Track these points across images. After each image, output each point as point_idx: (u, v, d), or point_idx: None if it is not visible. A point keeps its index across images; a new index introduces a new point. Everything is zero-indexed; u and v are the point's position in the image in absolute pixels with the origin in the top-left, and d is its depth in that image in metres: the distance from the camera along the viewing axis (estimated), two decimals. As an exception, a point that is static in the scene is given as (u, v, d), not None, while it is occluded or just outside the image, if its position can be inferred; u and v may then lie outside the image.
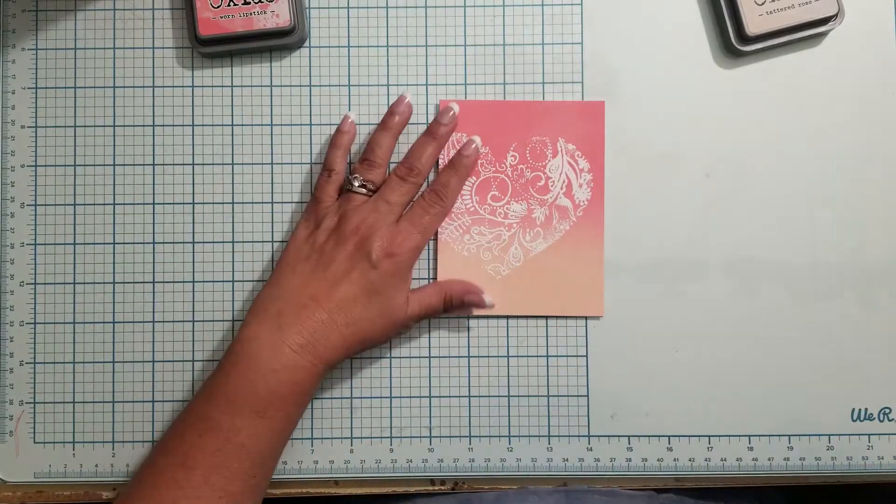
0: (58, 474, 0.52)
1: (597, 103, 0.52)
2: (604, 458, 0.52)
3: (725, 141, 0.53)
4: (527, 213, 0.52)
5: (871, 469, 0.52)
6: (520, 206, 0.52)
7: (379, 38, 0.53)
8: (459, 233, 0.52)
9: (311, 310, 0.46)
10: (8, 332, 0.52)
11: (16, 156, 0.53)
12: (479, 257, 0.52)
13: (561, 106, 0.52)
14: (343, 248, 0.48)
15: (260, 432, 0.45)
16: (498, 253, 0.52)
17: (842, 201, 0.53)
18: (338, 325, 0.47)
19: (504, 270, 0.52)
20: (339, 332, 0.47)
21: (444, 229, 0.51)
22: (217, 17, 0.51)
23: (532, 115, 0.52)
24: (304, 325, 0.46)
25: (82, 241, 0.53)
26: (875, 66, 0.53)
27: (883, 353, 0.52)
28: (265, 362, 0.45)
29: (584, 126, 0.52)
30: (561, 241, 0.52)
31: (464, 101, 0.52)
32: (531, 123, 0.52)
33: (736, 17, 0.51)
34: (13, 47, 0.53)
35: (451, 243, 0.52)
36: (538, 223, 0.52)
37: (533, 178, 0.51)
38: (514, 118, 0.52)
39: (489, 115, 0.52)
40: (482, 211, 0.52)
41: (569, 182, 0.51)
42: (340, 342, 0.47)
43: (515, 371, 0.53)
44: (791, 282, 0.53)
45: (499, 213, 0.52)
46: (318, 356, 0.46)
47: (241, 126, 0.53)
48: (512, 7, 0.53)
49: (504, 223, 0.52)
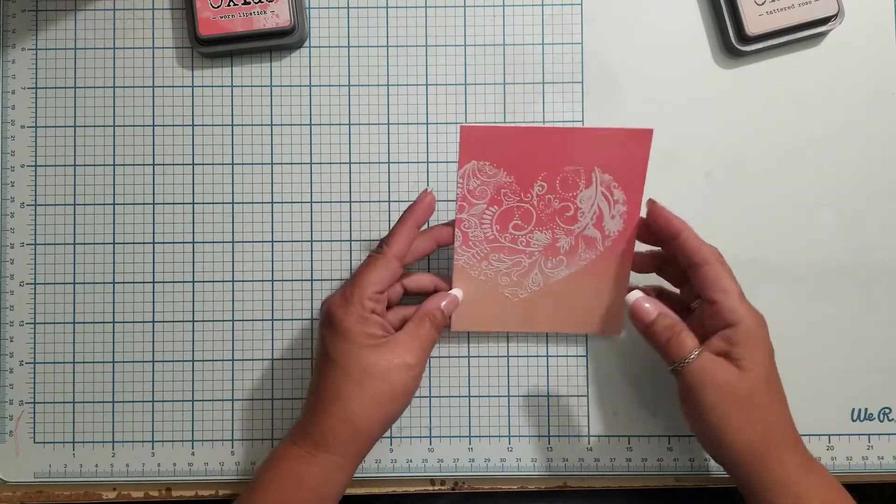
0: (58, 474, 0.52)
1: (644, 131, 0.44)
2: (604, 458, 0.52)
3: (725, 141, 0.53)
4: (551, 242, 0.47)
5: (872, 469, 0.52)
6: (544, 235, 0.47)
7: (379, 38, 0.53)
8: (477, 260, 0.48)
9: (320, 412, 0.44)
10: (8, 332, 0.52)
11: (15, 156, 0.53)
12: (497, 281, 0.49)
13: (602, 134, 0.45)
14: (320, 338, 0.46)
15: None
16: (516, 278, 0.48)
17: (842, 201, 0.53)
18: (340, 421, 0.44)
19: (522, 293, 0.49)
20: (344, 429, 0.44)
21: (461, 256, 0.48)
22: (217, 17, 0.51)
23: (567, 144, 0.45)
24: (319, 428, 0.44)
25: (82, 241, 0.53)
26: (875, 66, 0.53)
27: (883, 353, 0.52)
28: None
29: (626, 155, 0.45)
30: (585, 270, 0.48)
31: (491, 126, 0.46)
32: (565, 152, 0.45)
33: (736, 16, 0.51)
34: (13, 47, 0.53)
35: (468, 269, 0.48)
36: (562, 252, 0.48)
37: (561, 208, 0.47)
38: (547, 147, 0.45)
39: (517, 144, 0.45)
40: (503, 240, 0.47)
41: (600, 213, 0.47)
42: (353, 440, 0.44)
43: (515, 371, 0.53)
44: (791, 282, 0.53)
45: (520, 242, 0.47)
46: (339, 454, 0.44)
47: (241, 126, 0.53)
48: (512, 7, 0.53)
49: (525, 251, 0.48)
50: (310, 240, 0.53)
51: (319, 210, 0.53)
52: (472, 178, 0.46)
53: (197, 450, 0.52)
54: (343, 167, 0.53)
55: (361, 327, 0.44)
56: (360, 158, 0.53)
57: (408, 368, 0.44)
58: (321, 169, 0.53)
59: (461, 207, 0.46)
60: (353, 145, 0.53)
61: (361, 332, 0.43)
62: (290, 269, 0.53)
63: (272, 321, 0.53)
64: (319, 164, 0.53)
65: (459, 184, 0.46)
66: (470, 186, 0.46)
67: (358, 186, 0.53)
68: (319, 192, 0.53)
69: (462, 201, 0.46)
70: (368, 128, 0.53)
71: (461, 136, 0.44)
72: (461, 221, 0.47)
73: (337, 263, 0.53)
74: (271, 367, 0.53)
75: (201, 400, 0.52)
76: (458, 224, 0.47)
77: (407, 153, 0.53)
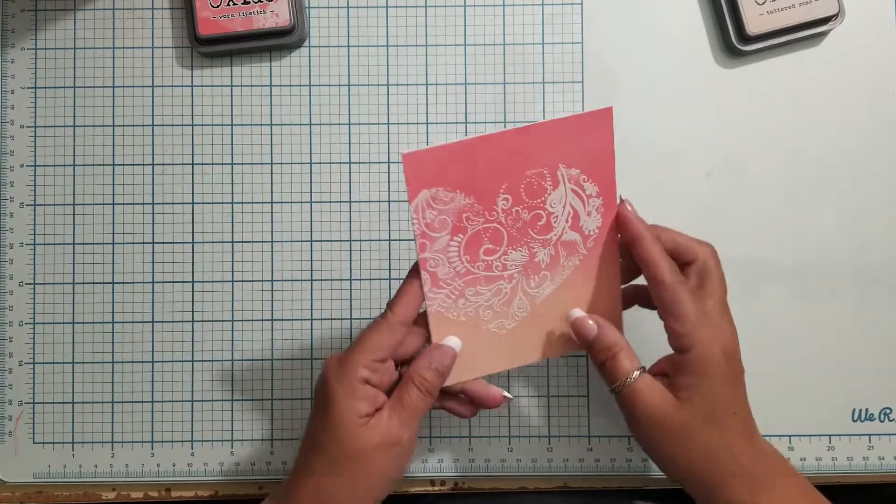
0: (57, 474, 0.52)
1: (602, 112, 0.40)
2: (604, 458, 0.52)
3: (725, 141, 0.53)
4: (529, 259, 0.42)
5: (872, 469, 0.52)
6: (519, 252, 0.42)
7: (379, 37, 0.53)
8: (452, 299, 0.42)
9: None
10: (7, 332, 0.52)
11: (15, 156, 0.53)
12: (479, 318, 0.43)
13: (557, 126, 0.40)
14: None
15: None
16: (500, 308, 0.43)
17: (842, 201, 0.53)
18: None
19: (509, 324, 0.44)
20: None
21: (433, 300, 0.42)
22: (216, 16, 0.51)
23: (522, 146, 0.40)
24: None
25: (81, 241, 0.53)
26: (875, 66, 0.53)
27: (883, 353, 0.52)
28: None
29: (589, 143, 0.41)
30: (571, 279, 0.43)
31: (433, 147, 0.39)
32: (522, 156, 0.40)
33: (736, 16, 0.51)
34: (12, 47, 0.53)
35: (445, 312, 0.42)
36: (543, 266, 0.43)
37: (532, 218, 0.41)
38: (501, 155, 0.40)
39: (467, 160, 0.39)
40: (476, 269, 0.42)
41: (575, 213, 0.42)
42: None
43: (515, 370, 0.52)
44: (791, 282, 0.52)
45: (496, 267, 0.42)
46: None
47: (241, 126, 0.53)
48: (512, 7, 0.53)
49: (503, 276, 0.42)
50: (309, 240, 0.53)
51: (319, 210, 0.53)
52: (428, 210, 0.40)
53: (196, 450, 0.52)
54: (343, 167, 0.53)
55: (348, 401, 0.39)
56: (360, 158, 0.53)
57: (388, 449, 0.40)
58: (321, 169, 0.53)
59: (422, 246, 0.40)
60: (352, 145, 0.53)
61: (347, 406, 0.39)
62: (290, 269, 0.53)
63: (272, 321, 0.53)
64: (319, 164, 0.53)
65: (414, 220, 0.40)
66: (427, 220, 0.40)
67: (358, 186, 0.53)
68: (319, 192, 0.53)
69: (422, 238, 0.40)
70: (368, 128, 0.53)
71: (404, 166, 0.39)
72: (425, 262, 0.41)
73: (336, 263, 0.53)
74: (271, 367, 0.53)
75: (201, 400, 0.52)
76: (422, 265, 0.41)
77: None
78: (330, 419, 0.40)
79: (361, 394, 0.40)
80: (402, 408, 0.40)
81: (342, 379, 0.40)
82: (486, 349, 0.44)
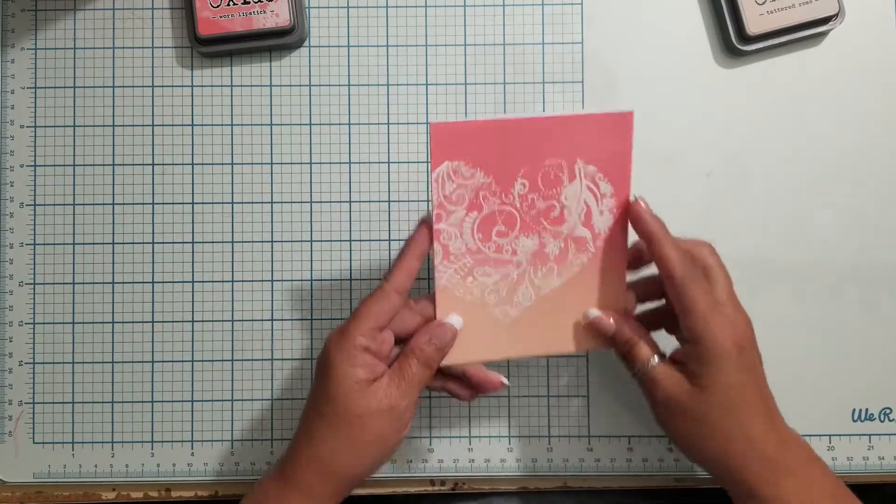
0: (57, 474, 0.52)
1: (624, 115, 0.42)
2: (604, 458, 0.52)
3: (726, 141, 0.53)
4: (538, 248, 0.44)
5: (872, 469, 0.52)
6: (530, 240, 0.43)
7: (379, 37, 0.53)
8: (460, 276, 0.43)
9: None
10: (7, 332, 0.52)
11: (15, 156, 0.53)
12: (484, 300, 0.44)
13: (580, 121, 0.42)
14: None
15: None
16: (505, 294, 0.44)
17: (842, 201, 0.53)
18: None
19: (513, 312, 0.45)
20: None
21: (442, 274, 0.43)
22: (217, 16, 0.51)
23: (545, 135, 0.42)
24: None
25: (81, 241, 0.53)
26: (875, 66, 0.53)
27: (883, 353, 0.52)
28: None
29: (608, 143, 0.42)
30: (578, 276, 0.44)
31: (462, 122, 0.43)
32: (543, 144, 0.42)
33: (736, 16, 0.51)
34: (12, 47, 0.53)
35: (452, 289, 0.44)
36: (551, 258, 0.44)
37: (546, 208, 0.43)
38: (524, 139, 0.42)
39: (492, 139, 0.41)
40: (486, 250, 0.43)
41: (588, 210, 0.43)
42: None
43: (515, 371, 0.52)
44: (791, 282, 0.52)
45: (506, 251, 0.43)
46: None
47: (241, 126, 0.53)
48: (512, 7, 0.53)
49: (512, 261, 0.44)
50: (309, 240, 0.53)
51: (319, 210, 0.53)
52: (448, 182, 0.42)
53: (196, 450, 0.52)
54: (343, 167, 0.53)
55: (346, 367, 0.41)
56: (360, 158, 0.53)
57: (386, 414, 0.41)
58: (321, 169, 0.53)
59: (438, 216, 0.42)
60: (352, 145, 0.53)
61: (345, 372, 0.41)
62: (290, 269, 0.53)
63: (272, 321, 0.53)
64: (319, 164, 0.53)
65: (434, 189, 0.42)
66: (446, 191, 0.42)
67: (358, 186, 0.53)
68: (319, 192, 0.53)
69: (439, 209, 0.42)
70: (368, 128, 0.53)
71: (432, 135, 0.41)
72: (439, 233, 0.43)
73: (336, 263, 0.53)
74: (271, 367, 0.53)
75: (201, 400, 0.52)
76: (436, 237, 0.43)
77: (407, 153, 0.53)
78: (329, 385, 0.41)
79: (360, 361, 0.41)
80: (401, 377, 0.42)
81: (342, 347, 0.41)
82: (488, 334, 0.45)
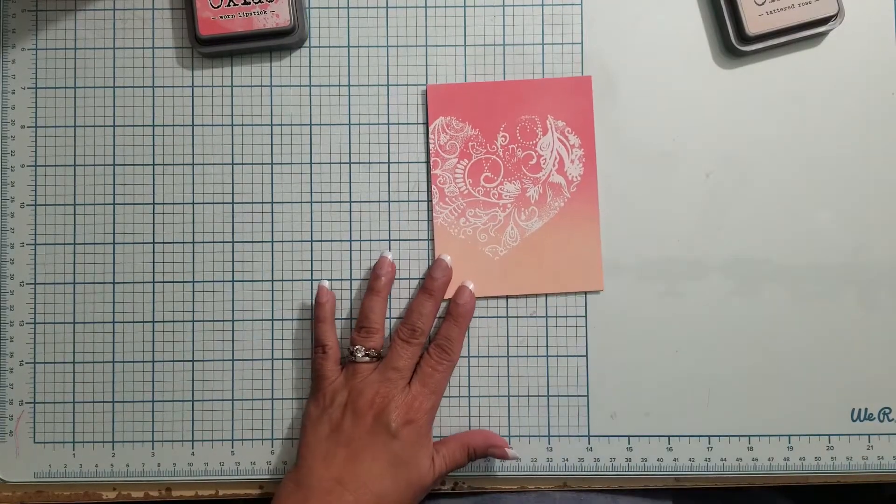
0: (58, 474, 0.52)
1: (584, 78, 0.52)
2: (604, 458, 0.52)
3: (725, 141, 0.53)
4: (520, 193, 0.52)
5: (872, 469, 0.52)
6: (513, 185, 0.52)
7: (379, 37, 0.53)
8: (455, 216, 0.52)
9: (337, 494, 0.45)
10: (8, 332, 0.52)
11: (16, 156, 0.53)
12: (476, 239, 0.52)
13: (548, 83, 0.52)
14: (361, 423, 0.47)
15: None
16: (494, 234, 0.52)
17: (842, 201, 0.53)
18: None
19: (502, 251, 0.52)
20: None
21: (439, 214, 0.52)
22: (217, 16, 0.51)
23: (520, 95, 0.52)
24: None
25: (82, 241, 0.53)
26: (875, 66, 0.53)
27: (883, 353, 0.52)
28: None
29: (573, 102, 0.52)
30: (556, 219, 0.52)
31: (451, 84, 0.52)
32: (520, 103, 0.52)
33: (736, 17, 0.51)
34: (13, 47, 0.53)
35: (448, 227, 0.52)
36: (532, 202, 0.52)
37: (525, 156, 0.52)
38: (503, 99, 0.52)
39: (477, 98, 0.52)
40: (476, 193, 0.52)
41: (560, 159, 0.52)
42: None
43: (515, 371, 0.53)
44: (791, 282, 0.53)
45: (493, 195, 0.52)
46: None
47: (241, 126, 0.53)
48: (512, 7, 0.53)
49: (499, 204, 0.52)
50: (310, 240, 0.53)
51: (319, 210, 0.53)
52: (442, 134, 0.52)
53: (197, 450, 0.52)
54: (343, 167, 0.53)
55: (430, 434, 0.50)
56: (360, 158, 0.53)
57: (432, 484, 0.49)
58: (321, 169, 0.53)
59: (435, 163, 0.52)
60: (353, 145, 0.53)
61: (429, 438, 0.49)
62: (290, 269, 0.53)
63: (272, 321, 0.53)
64: (319, 164, 0.53)
65: (431, 140, 0.52)
66: (440, 142, 0.52)
67: (358, 186, 0.53)
68: (319, 192, 0.53)
69: (435, 157, 0.52)
70: (368, 128, 0.53)
71: (429, 95, 0.52)
72: (436, 178, 0.52)
73: (337, 263, 0.53)
74: (271, 367, 0.53)
75: (201, 400, 0.52)
76: (434, 181, 0.52)
77: (407, 153, 0.53)
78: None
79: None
80: (452, 463, 0.50)
81: (425, 439, 0.49)
82: (481, 271, 0.52)
